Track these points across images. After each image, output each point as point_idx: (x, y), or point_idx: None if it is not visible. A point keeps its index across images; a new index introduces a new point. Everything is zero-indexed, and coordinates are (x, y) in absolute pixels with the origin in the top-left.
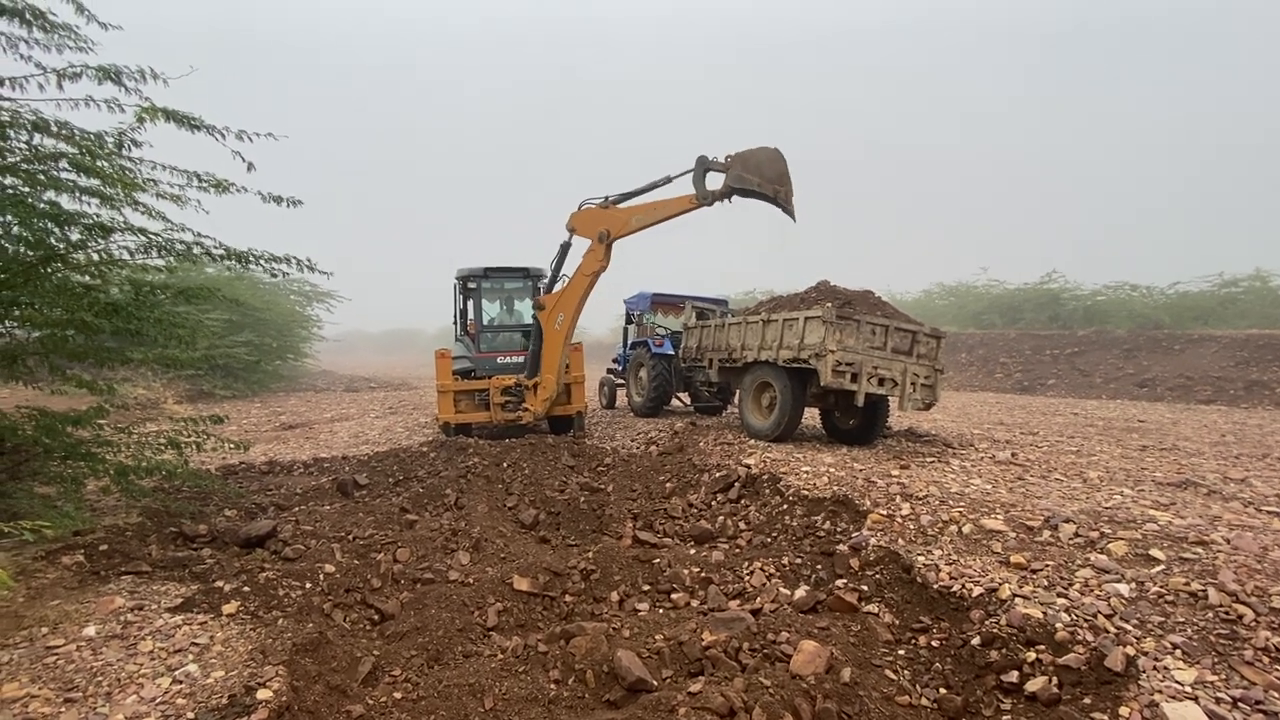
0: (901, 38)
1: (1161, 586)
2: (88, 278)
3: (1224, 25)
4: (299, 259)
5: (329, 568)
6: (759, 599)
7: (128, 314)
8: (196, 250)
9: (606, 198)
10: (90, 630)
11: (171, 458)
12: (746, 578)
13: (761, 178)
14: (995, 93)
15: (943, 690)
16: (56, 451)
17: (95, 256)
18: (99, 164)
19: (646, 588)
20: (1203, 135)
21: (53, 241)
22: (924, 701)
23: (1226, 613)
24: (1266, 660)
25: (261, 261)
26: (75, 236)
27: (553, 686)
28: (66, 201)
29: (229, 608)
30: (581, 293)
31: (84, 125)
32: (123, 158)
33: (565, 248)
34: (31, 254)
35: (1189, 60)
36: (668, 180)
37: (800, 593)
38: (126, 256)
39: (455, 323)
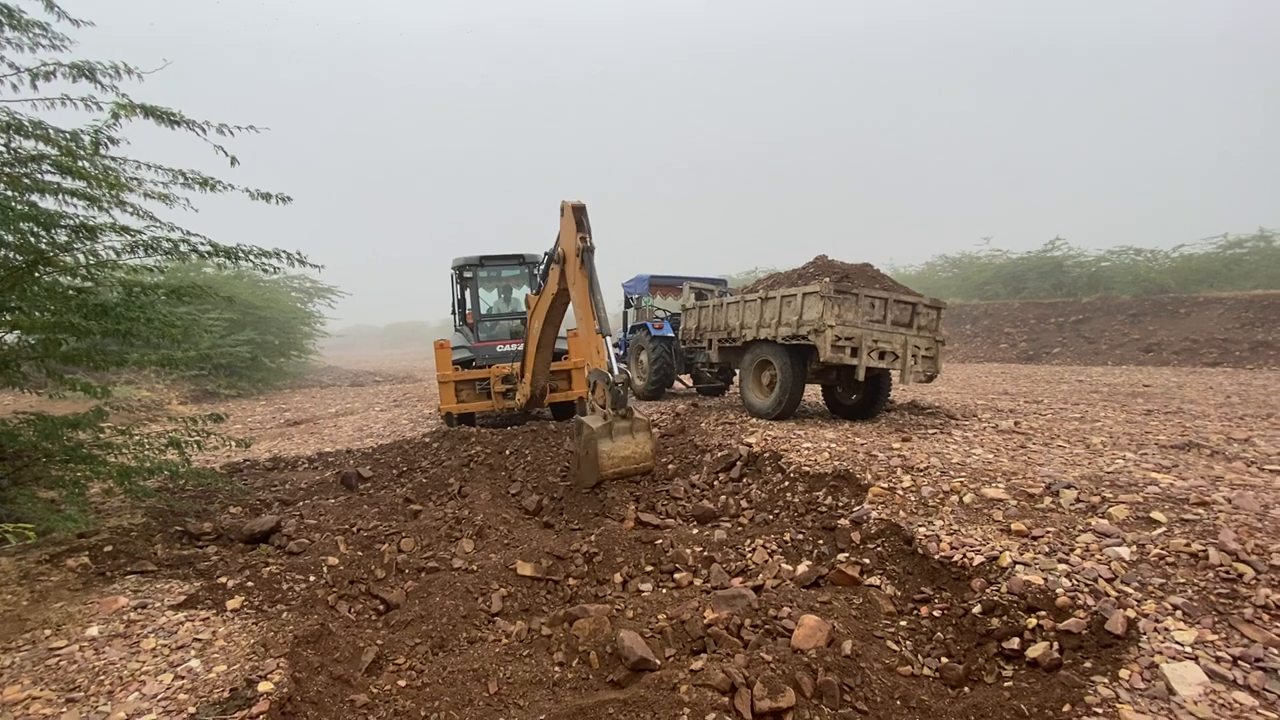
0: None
1: (1162, 548)
2: (79, 280)
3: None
4: (288, 253)
5: (333, 560)
6: (761, 575)
7: (117, 315)
8: (184, 248)
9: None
10: (93, 630)
11: (174, 457)
12: (749, 555)
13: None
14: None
15: (944, 659)
16: (57, 456)
17: (82, 258)
18: (81, 164)
19: (649, 568)
20: (1197, 103)
21: (43, 246)
22: (926, 671)
23: (1227, 572)
24: (1266, 617)
25: (251, 257)
26: (62, 239)
27: (557, 669)
28: (52, 204)
29: (233, 603)
30: (547, 308)
31: (59, 125)
32: (103, 157)
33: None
34: (20, 258)
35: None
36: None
37: (802, 568)
38: (113, 257)
39: (454, 313)
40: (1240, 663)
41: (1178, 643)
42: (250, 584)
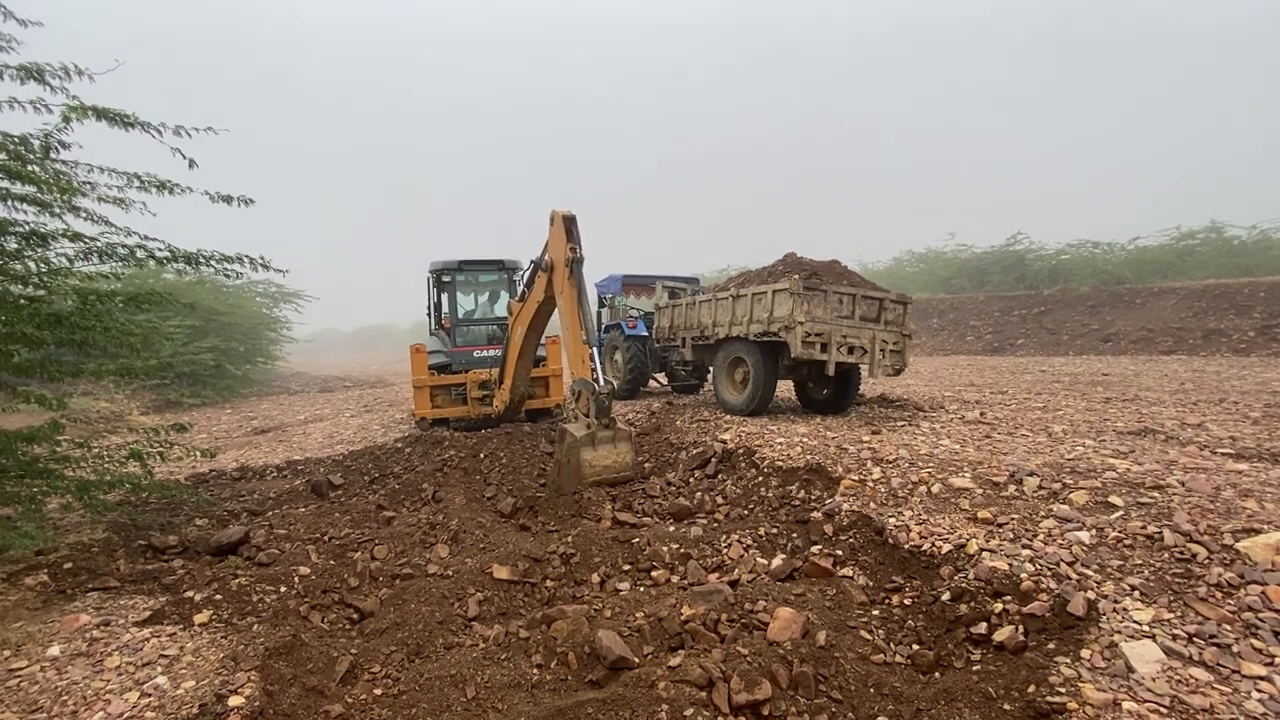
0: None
1: (1120, 531)
2: (30, 289)
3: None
4: (252, 257)
5: (304, 570)
6: (737, 570)
7: (72, 324)
8: (141, 254)
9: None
10: (54, 650)
11: (136, 470)
12: (725, 550)
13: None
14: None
15: (915, 646)
16: (12, 470)
17: (34, 266)
18: (30, 169)
19: (627, 567)
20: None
21: None
22: (898, 659)
23: (1181, 552)
24: (1219, 595)
25: (212, 262)
26: (12, 246)
27: (535, 671)
28: (0, 210)
29: (201, 617)
30: (531, 316)
31: (6, 129)
32: (54, 160)
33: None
34: None
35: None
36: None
37: (777, 561)
38: (66, 264)
39: (429, 317)
40: (1195, 639)
41: (1136, 622)
42: (219, 597)
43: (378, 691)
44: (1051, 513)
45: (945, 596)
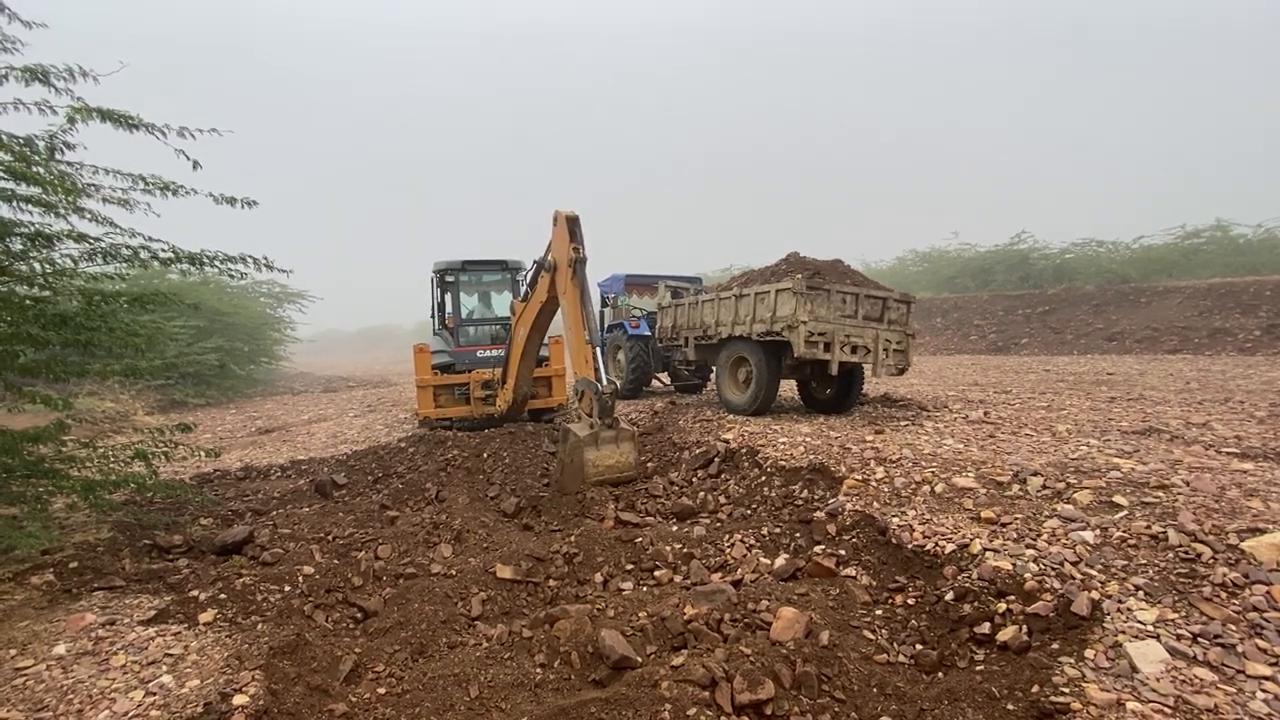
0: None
1: (1124, 531)
2: (35, 289)
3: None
4: (255, 257)
5: (308, 569)
6: (740, 570)
7: (77, 325)
8: (145, 255)
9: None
10: (60, 648)
11: (141, 470)
12: (727, 550)
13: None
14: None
15: (919, 646)
16: (18, 470)
17: (39, 267)
18: (35, 170)
19: (630, 567)
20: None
21: None
22: (901, 658)
23: (1186, 552)
24: (1224, 595)
25: (216, 262)
26: (17, 247)
27: (538, 670)
28: (5, 211)
29: (205, 616)
30: (534, 316)
31: (11, 129)
32: (59, 162)
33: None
34: None
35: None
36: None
37: (780, 561)
38: (71, 265)
39: (433, 317)
40: (1200, 639)
41: (1140, 622)
42: (223, 596)
43: (381, 690)
44: (1055, 512)
45: (949, 596)
